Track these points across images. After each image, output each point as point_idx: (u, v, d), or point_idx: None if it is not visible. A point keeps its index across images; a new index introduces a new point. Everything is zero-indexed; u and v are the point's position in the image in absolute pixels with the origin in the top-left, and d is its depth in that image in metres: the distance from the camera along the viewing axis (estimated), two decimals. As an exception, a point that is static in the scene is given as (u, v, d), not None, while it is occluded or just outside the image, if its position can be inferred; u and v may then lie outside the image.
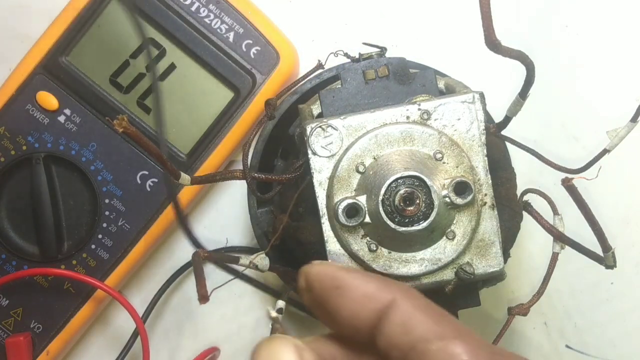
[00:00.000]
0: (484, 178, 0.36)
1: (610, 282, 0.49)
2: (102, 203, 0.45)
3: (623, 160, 0.47)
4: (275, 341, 0.27)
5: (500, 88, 0.45)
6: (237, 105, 0.45)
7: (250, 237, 0.48)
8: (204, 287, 0.32)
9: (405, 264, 0.36)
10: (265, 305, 0.49)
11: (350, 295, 0.28)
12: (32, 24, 0.47)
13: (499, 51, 0.32)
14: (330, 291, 0.29)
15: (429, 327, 0.27)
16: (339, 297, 0.28)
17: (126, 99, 0.45)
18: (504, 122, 0.38)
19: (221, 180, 0.39)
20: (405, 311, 0.27)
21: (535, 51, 0.36)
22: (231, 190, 0.49)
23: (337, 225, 0.35)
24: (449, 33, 0.49)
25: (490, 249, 0.36)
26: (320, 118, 0.38)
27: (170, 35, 0.45)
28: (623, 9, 0.49)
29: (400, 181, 0.34)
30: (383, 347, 0.27)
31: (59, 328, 0.45)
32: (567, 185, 0.34)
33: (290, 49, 0.46)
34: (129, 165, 0.45)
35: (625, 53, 0.49)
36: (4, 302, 0.45)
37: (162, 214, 0.45)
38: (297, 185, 0.40)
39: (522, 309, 0.39)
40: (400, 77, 0.39)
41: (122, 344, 0.46)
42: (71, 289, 0.45)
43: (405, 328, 0.27)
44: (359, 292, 0.28)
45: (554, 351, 0.49)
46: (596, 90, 0.49)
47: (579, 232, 0.37)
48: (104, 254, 0.45)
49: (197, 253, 0.34)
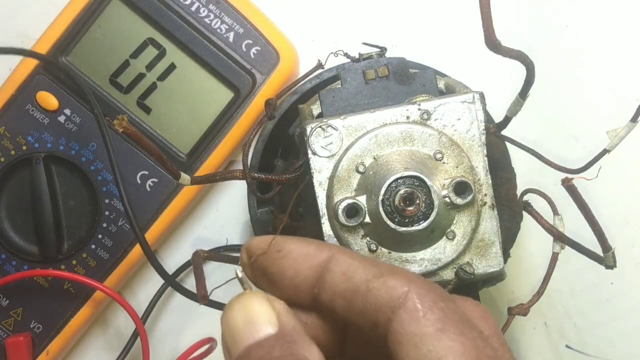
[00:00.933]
0: (484, 178, 0.36)
1: (610, 282, 0.49)
2: (102, 203, 0.45)
3: (623, 160, 0.47)
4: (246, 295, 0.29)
5: (500, 88, 0.45)
6: (237, 105, 0.45)
7: (250, 237, 0.48)
8: (204, 287, 0.32)
9: (405, 264, 0.36)
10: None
11: (292, 256, 0.30)
12: (32, 24, 0.47)
13: (499, 51, 0.32)
14: (273, 256, 0.30)
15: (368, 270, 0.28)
16: (282, 260, 0.30)
17: (126, 99, 0.45)
18: (504, 122, 0.38)
19: (221, 180, 0.39)
20: (345, 261, 0.29)
21: (535, 51, 0.36)
22: (231, 190, 0.49)
23: (337, 225, 0.35)
24: (449, 33, 0.49)
25: (490, 249, 0.36)
26: (320, 118, 0.38)
27: (170, 35, 0.45)
28: (623, 9, 0.49)
29: (400, 181, 0.34)
30: (327, 300, 0.29)
31: (59, 328, 0.45)
32: (567, 185, 0.34)
33: (290, 49, 0.46)
34: (129, 165, 0.45)
35: (625, 53, 0.49)
36: (4, 302, 0.45)
37: (162, 214, 0.45)
38: (297, 185, 0.40)
39: (522, 309, 0.39)
40: (400, 77, 0.39)
41: (122, 345, 0.46)
42: (71, 289, 0.45)
43: (346, 276, 0.28)
44: (299, 252, 0.30)
45: (554, 351, 0.49)
46: (596, 90, 0.49)
47: (579, 232, 0.37)
48: (104, 254, 0.45)
49: (197, 253, 0.34)
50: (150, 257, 0.40)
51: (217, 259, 0.35)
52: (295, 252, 0.30)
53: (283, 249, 0.30)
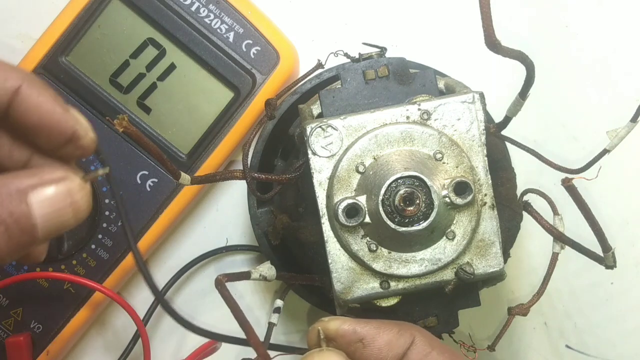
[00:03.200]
0: (484, 178, 0.36)
1: (610, 282, 0.49)
2: (102, 203, 0.45)
3: (623, 160, 0.47)
4: (326, 352, 0.31)
5: (500, 88, 0.45)
6: (237, 105, 0.45)
7: (250, 237, 0.48)
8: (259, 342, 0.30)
9: (405, 264, 0.36)
10: (265, 305, 0.49)
11: (376, 345, 0.32)
12: (32, 24, 0.47)
13: (499, 51, 0.32)
14: (355, 344, 0.32)
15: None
16: (364, 349, 0.32)
17: (126, 99, 0.45)
18: (504, 122, 0.38)
19: (221, 180, 0.39)
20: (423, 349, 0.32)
21: (535, 51, 0.36)
22: (231, 190, 0.49)
23: (337, 225, 0.35)
24: (449, 33, 0.49)
25: (490, 249, 0.36)
26: (320, 118, 0.38)
27: (170, 35, 0.45)
28: (623, 9, 0.49)
29: (400, 181, 0.34)
30: None
31: (59, 328, 0.45)
32: (567, 185, 0.34)
33: (290, 49, 0.46)
34: (129, 165, 0.45)
35: (625, 53, 0.49)
36: (4, 302, 0.45)
37: (162, 214, 0.45)
38: (297, 185, 0.40)
39: (522, 309, 0.39)
40: (400, 77, 0.39)
41: (123, 346, 0.46)
42: (71, 290, 0.45)
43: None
44: (383, 341, 0.32)
45: (554, 351, 0.49)
46: (596, 90, 0.49)
47: (579, 232, 0.37)
48: (104, 254, 0.45)
49: (218, 280, 0.32)
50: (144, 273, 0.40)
51: (237, 279, 0.35)
52: (378, 341, 0.32)
53: (365, 338, 0.32)
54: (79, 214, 0.29)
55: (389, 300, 0.37)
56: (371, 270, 0.36)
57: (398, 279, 0.36)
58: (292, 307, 0.48)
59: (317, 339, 0.33)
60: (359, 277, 0.36)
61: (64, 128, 0.30)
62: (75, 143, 0.30)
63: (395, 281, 0.36)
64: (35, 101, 0.30)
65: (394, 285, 0.36)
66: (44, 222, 0.28)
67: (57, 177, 0.28)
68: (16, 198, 0.27)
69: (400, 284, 0.36)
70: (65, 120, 0.30)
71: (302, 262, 0.42)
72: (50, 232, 0.28)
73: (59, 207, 0.28)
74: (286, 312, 0.48)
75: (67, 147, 0.30)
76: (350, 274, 0.36)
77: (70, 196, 0.28)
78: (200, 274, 0.49)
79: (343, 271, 0.36)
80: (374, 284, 0.36)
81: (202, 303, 0.48)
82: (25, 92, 0.30)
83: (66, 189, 0.28)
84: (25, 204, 0.27)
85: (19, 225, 0.27)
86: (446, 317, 0.38)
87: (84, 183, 0.29)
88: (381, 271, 0.36)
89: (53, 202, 0.28)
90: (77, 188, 0.29)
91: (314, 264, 0.39)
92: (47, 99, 0.30)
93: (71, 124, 0.30)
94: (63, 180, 0.28)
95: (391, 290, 0.36)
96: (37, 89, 0.30)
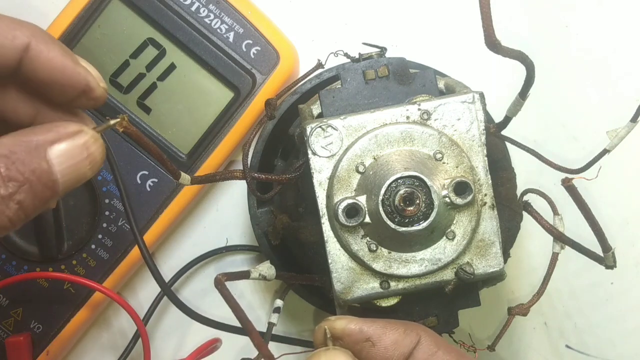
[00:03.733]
0: (484, 178, 0.36)
1: (610, 282, 0.49)
2: (102, 203, 0.45)
3: (623, 160, 0.47)
4: (332, 351, 0.31)
5: (500, 88, 0.45)
6: (237, 105, 0.45)
7: (250, 237, 0.48)
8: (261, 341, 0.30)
9: (405, 264, 0.36)
10: (264, 305, 0.49)
11: (382, 344, 0.32)
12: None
13: (499, 51, 0.32)
14: (362, 344, 0.32)
15: (450, 355, 0.33)
16: (371, 348, 0.32)
17: (126, 99, 0.45)
18: (504, 122, 0.38)
19: (221, 180, 0.39)
20: (429, 349, 0.33)
21: (535, 51, 0.36)
22: (231, 190, 0.49)
23: (337, 225, 0.35)
24: (449, 33, 0.49)
25: (490, 249, 0.36)
26: (320, 118, 0.38)
27: (170, 35, 0.45)
28: (623, 9, 0.49)
29: (400, 181, 0.34)
30: None
31: (59, 328, 0.45)
32: (567, 185, 0.34)
33: (290, 49, 0.46)
34: (129, 165, 0.45)
35: (625, 53, 0.49)
36: (4, 302, 0.45)
37: (162, 214, 0.45)
38: (297, 185, 0.40)
39: (522, 309, 0.39)
40: (400, 77, 0.39)
41: (123, 346, 0.46)
42: (71, 289, 0.45)
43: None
44: (389, 340, 0.32)
45: (554, 351, 0.49)
46: (596, 90, 0.49)
47: (579, 232, 0.37)
48: (104, 254, 0.45)
49: (218, 280, 0.32)
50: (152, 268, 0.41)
51: (236, 278, 0.34)
52: (385, 340, 0.32)
53: (372, 337, 0.32)
54: (95, 165, 0.30)
55: (389, 300, 0.37)
56: (371, 270, 0.36)
57: (398, 279, 0.36)
58: (292, 307, 0.48)
59: (324, 338, 0.33)
60: (359, 277, 0.36)
61: (76, 81, 0.30)
62: (88, 95, 0.30)
63: (395, 281, 0.36)
64: (46, 56, 0.29)
65: (394, 285, 0.36)
66: (64, 175, 0.28)
67: (73, 131, 0.29)
68: (36, 155, 0.28)
69: (400, 284, 0.36)
70: (77, 73, 0.30)
71: (302, 262, 0.42)
72: (70, 185, 0.29)
73: (76, 160, 0.29)
74: (286, 312, 0.48)
75: (79, 100, 0.30)
76: (350, 274, 0.36)
77: (87, 148, 0.29)
78: (200, 274, 0.49)
79: (343, 271, 0.36)
80: (374, 284, 0.36)
81: (203, 303, 0.48)
82: (35, 48, 0.29)
83: (82, 141, 0.29)
84: (45, 160, 0.28)
85: (42, 181, 0.28)
86: (446, 317, 0.38)
87: (97, 135, 0.30)
88: (381, 271, 0.36)
89: (71, 156, 0.28)
90: (91, 140, 0.29)
91: (314, 264, 0.39)
92: (57, 53, 0.30)
93: (83, 75, 0.30)
94: (78, 133, 0.29)
95: (391, 290, 0.36)
96: (47, 44, 0.30)
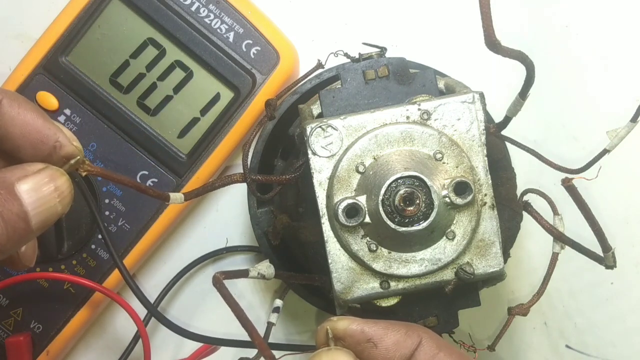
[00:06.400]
0: (484, 178, 0.36)
1: (610, 282, 0.49)
2: (102, 203, 0.45)
3: (623, 160, 0.47)
4: (334, 352, 0.31)
5: (500, 88, 0.45)
6: (237, 105, 0.45)
7: (250, 237, 0.48)
8: (263, 343, 0.29)
9: (405, 264, 0.36)
10: (264, 305, 0.49)
11: (383, 345, 0.32)
12: (32, 24, 0.47)
13: (499, 51, 0.32)
14: (364, 344, 0.32)
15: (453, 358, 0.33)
16: (372, 349, 0.32)
17: (126, 99, 0.45)
18: (504, 122, 0.38)
19: (221, 187, 0.38)
20: (430, 351, 0.33)
21: (535, 51, 0.36)
22: (231, 190, 0.49)
23: (337, 225, 0.35)
24: (449, 33, 0.49)
25: (490, 249, 0.36)
26: (320, 118, 0.38)
27: (170, 35, 0.45)
28: (623, 9, 0.49)
29: (400, 181, 0.34)
30: None
31: (59, 328, 0.45)
32: (567, 185, 0.34)
33: (290, 49, 0.46)
34: (129, 165, 0.45)
35: (625, 53, 0.49)
36: (4, 302, 0.45)
37: (162, 214, 0.45)
38: (297, 185, 0.40)
39: (522, 309, 0.39)
40: (400, 77, 0.39)
41: (123, 346, 0.46)
42: (71, 289, 0.45)
43: None
44: (391, 341, 0.32)
45: (554, 351, 0.49)
46: (596, 90, 0.49)
47: (579, 232, 0.37)
48: (104, 254, 0.45)
49: (216, 278, 0.32)
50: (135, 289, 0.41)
51: (234, 277, 0.34)
52: (386, 341, 0.32)
53: (373, 338, 0.32)
54: (64, 199, 0.32)
55: (389, 300, 0.37)
56: (371, 270, 0.36)
57: (398, 279, 0.36)
58: (292, 307, 0.48)
59: (326, 338, 0.33)
60: (359, 277, 0.36)
61: (47, 137, 0.32)
62: (59, 152, 0.32)
63: (395, 281, 0.36)
64: (16, 112, 0.31)
65: (394, 285, 0.36)
66: (35, 208, 0.30)
67: (39, 168, 0.31)
68: (6, 190, 0.29)
69: (400, 284, 0.36)
70: (47, 128, 0.32)
71: (302, 262, 0.42)
72: (42, 219, 0.31)
73: (45, 193, 0.30)
74: (286, 312, 0.48)
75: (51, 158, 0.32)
76: (350, 274, 0.36)
77: (53, 181, 0.31)
78: (200, 274, 0.49)
79: (343, 271, 0.36)
80: (374, 284, 0.36)
81: (203, 303, 0.48)
82: (6, 105, 0.31)
83: (48, 174, 0.31)
84: (15, 194, 0.30)
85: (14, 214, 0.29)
86: (446, 317, 0.38)
87: (63, 171, 0.32)
88: (381, 271, 0.36)
89: (39, 189, 0.30)
90: (57, 174, 0.31)
91: (314, 264, 0.39)
92: (28, 111, 0.32)
93: (53, 132, 0.32)
94: (45, 169, 0.31)
95: (391, 290, 0.36)
96: (18, 103, 0.32)
